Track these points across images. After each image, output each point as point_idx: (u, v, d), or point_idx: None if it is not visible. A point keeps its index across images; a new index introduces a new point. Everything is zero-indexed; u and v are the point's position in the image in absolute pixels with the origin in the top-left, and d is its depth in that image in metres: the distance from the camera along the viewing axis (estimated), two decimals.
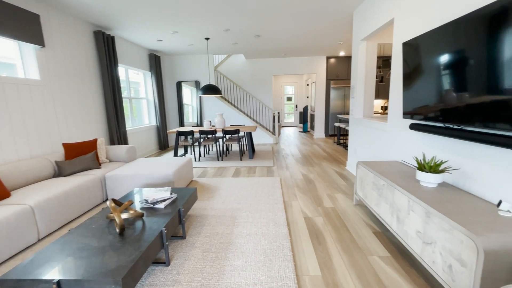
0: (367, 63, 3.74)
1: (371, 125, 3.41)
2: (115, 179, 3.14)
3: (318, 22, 4.37)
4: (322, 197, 3.15)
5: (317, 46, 6.32)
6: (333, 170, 4.33)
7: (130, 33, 4.82)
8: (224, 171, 4.44)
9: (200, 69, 7.24)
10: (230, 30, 4.73)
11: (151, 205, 2.17)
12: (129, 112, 5.60)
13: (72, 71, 3.80)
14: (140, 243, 1.60)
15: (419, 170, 1.92)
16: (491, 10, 1.45)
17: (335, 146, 6.55)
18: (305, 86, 11.07)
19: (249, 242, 2.15)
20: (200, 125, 7.39)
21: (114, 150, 3.82)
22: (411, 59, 2.25)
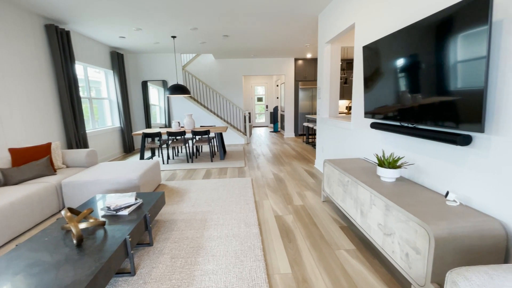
0: (332, 65, 3.91)
1: (336, 124, 3.56)
2: (73, 186, 2.90)
3: (285, 25, 4.46)
4: (292, 195, 3.22)
5: (285, 48, 6.46)
6: (302, 169, 4.45)
7: (88, 28, 4.49)
8: (194, 173, 4.34)
9: (167, 68, 6.98)
10: (198, 29, 4.63)
11: (114, 212, 2.04)
12: (89, 113, 5.21)
13: (19, 68, 3.43)
14: (101, 254, 1.49)
15: (379, 166, 2.05)
16: (437, 19, 1.59)
17: (304, 145, 6.75)
18: (275, 87, 11.26)
19: (220, 245, 2.11)
20: (169, 126, 7.13)
21: (72, 154, 3.53)
22: (370, 62, 2.39)
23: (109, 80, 5.96)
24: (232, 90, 8.02)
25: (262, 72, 7.96)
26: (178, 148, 5.96)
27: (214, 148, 6.25)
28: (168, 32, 4.83)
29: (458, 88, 1.47)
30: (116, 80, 5.95)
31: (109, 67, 5.84)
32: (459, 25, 1.44)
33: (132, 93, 7.00)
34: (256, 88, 11.85)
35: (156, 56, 6.91)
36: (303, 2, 3.46)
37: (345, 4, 3.09)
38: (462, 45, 1.43)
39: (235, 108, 8.11)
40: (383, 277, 1.72)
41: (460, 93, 1.47)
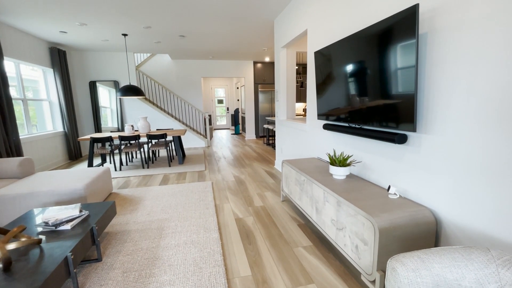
0: (288, 69, 4.05)
1: (293, 126, 3.70)
2: (1, 201, 2.50)
3: (243, 28, 4.50)
4: (253, 197, 3.24)
5: (244, 51, 6.51)
6: (263, 170, 4.51)
7: (21, 21, 3.95)
8: (150, 180, 4.10)
9: (119, 68, 6.51)
10: (151, 27, 4.41)
11: (53, 228, 1.82)
12: (23, 117, 4.59)
13: None
14: (34, 276, 1.31)
15: (331, 165, 2.17)
16: (376, 30, 1.76)
17: (265, 147, 6.87)
18: (235, 89, 11.27)
19: (178, 253, 2.03)
20: (121, 130, 6.64)
21: (1, 164, 3.05)
22: (322, 67, 2.53)
23: (48, 80, 5.33)
24: (191, 92, 7.80)
25: (222, 74, 7.90)
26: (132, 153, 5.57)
27: (172, 152, 6.00)
28: (118, 30, 4.50)
29: (396, 92, 1.64)
30: (58, 79, 5.35)
31: (48, 65, 5.22)
32: (393, 36, 1.60)
33: (78, 94, 6.36)
34: (217, 90, 11.73)
35: (106, 54, 6.39)
36: (258, 6, 3.53)
37: (298, 10, 3.24)
38: (396, 54, 1.60)
39: (195, 111, 7.90)
40: (337, 269, 1.82)
41: (397, 97, 1.64)
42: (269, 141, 7.34)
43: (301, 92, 8.14)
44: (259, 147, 6.83)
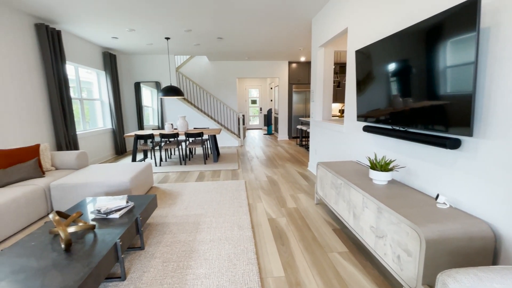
0: (325, 68, 3.95)
1: (329, 127, 3.59)
2: (62, 189, 2.83)
3: (279, 28, 4.49)
4: (286, 198, 3.22)
5: (279, 51, 6.50)
6: (296, 171, 4.46)
7: (80, 28, 4.42)
8: (187, 176, 4.30)
9: (161, 70, 6.93)
10: (192, 30, 4.62)
11: (104, 216, 2.00)
12: (80, 115, 5.12)
13: (7, 68, 3.35)
14: (90, 258, 1.46)
15: (372, 169, 2.07)
16: (427, 26, 1.63)
17: (298, 148, 6.78)
18: (269, 89, 11.30)
19: (213, 248, 2.09)
20: (161, 128, 7.07)
21: (62, 156, 3.45)
22: (363, 66, 2.42)
23: (101, 81, 5.88)
24: (226, 92, 8.01)
25: (256, 74, 7.98)
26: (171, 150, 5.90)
27: (207, 150, 6.22)
28: (161, 34, 4.80)
29: (448, 92, 1.51)
30: (108, 81, 5.87)
31: (101, 67, 5.76)
32: (448, 31, 1.47)
33: (125, 94, 6.92)
34: (250, 90, 11.87)
35: (150, 57, 6.85)
36: (297, 5, 3.49)
37: (338, 9, 3.13)
38: (451, 51, 1.47)
39: (229, 110, 8.10)
40: (375, 279, 1.73)
41: (449, 98, 1.50)
42: (302, 142, 7.23)
43: (337, 92, 7.88)
44: (291, 148, 6.76)
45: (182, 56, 7.95)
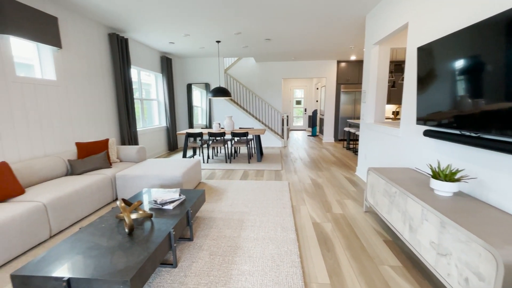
0: (379, 67, 3.68)
1: (382, 130, 3.34)
2: (125, 179, 3.18)
3: (330, 26, 4.34)
4: (331, 203, 3.10)
5: (328, 50, 6.29)
6: (342, 175, 4.26)
7: (143, 36, 4.91)
8: (232, 174, 4.44)
9: (210, 72, 7.30)
10: (241, 33, 4.76)
11: (160, 206, 2.19)
12: (140, 113, 5.69)
13: (86, 72, 3.89)
14: (148, 244, 1.61)
15: (434, 178, 1.86)
16: (508, 17, 1.40)
17: (345, 151, 6.47)
18: (315, 89, 11.01)
19: (257, 247, 2.12)
20: (209, 127, 7.43)
21: (125, 150, 3.88)
22: (426, 64, 2.20)
23: (158, 83, 6.44)
24: (271, 93, 8.06)
25: (303, 75, 7.85)
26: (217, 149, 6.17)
27: (251, 150, 6.34)
28: (213, 37, 5.05)
29: None
30: (165, 82, 6.41)
31: (159, 70, 6.31)
32: None
33: (178, 95, 7.46)
34: (295, 91, 11.74)
35: (201, 60, 7.27)
36: (350, 2, 3.33)
37: (397, 3, 2.89)
38: None
39: (273, 111, 8.13)
40: None
41: None
42: (350, 145, 6.87)
43: (391, 93, 7.30)
44: (337, 151, 6.48)
45: (230, 58, 8.25)
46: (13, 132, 2.80)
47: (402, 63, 7.03)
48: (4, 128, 2.70)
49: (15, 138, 2.82)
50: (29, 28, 2.89)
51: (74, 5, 3.37)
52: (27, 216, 2.11)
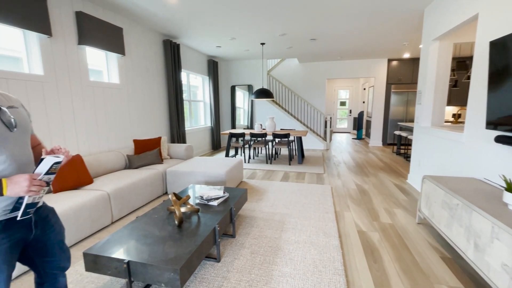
0: (439, 65, 3.33)
1: (441, 135, 3.01)
2: (174, 175, 3.42)
3: (383, 22, 4.07)
4: (379, 211, 2.90)
5: (378, 48, 5.90)
6: (391, 182, 3.95)
7: (193, 41, 5.23)
8: (272, 175, 4.46)
9: (253, 74, 7.43)
10: (286, 34, 4.75)
11: (206, 202, 2.30)
12: (188, 114, 6.07)
13: (143, 76, 4.29)
14: (195, 237, 1.70)
15: (508, 191, 1.61)
16: None
17: (394, 156, 5.99)
18: (362, 90, 10.43)
19: (298, 250, 2.10)
20: (251, 127, 7.57)
21: (174, 148, 4.18)
22: (500, 60, 1.92)
23: (204, 85, 6.79)
24: (314, 93, 7.87)
25: (349, 75, 7.50)
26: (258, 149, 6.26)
27: (292, 151, 6.27)
28: (258, 40, 5.13)
29: None
30: (211, 85, 6.72)
31: (206, 73, 6.65)
32: None
33: (222, 96, 7.76)
34: (340, 91, 11.28)
35: (245, 62, 7.45)
36: None
37: None
38: None
39: (316, 112, 7.92)
40: None
41: None
42: (400, 150, 6.34)
43: (452, 93, 6.54)
44: (386, 156, 6.04)
45: (273, 60, 8.29)
46: (85, 129, 3.23)
47: (467, 59, 6.24)
48: (79, 126, 3.14)
49: (87, 134, 3.25)
50: (101, 39, 3.30)
51: (136, 15, 3.75)
52: (95, 202, 2.41)
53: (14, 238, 1.01)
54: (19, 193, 0.92)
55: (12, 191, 0.91)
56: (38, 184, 0.95)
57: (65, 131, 2.97)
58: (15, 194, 0.92)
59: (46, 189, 1.01)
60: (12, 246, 1.01)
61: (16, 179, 0.92)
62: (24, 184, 0.92)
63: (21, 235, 1.04)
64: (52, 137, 2.82)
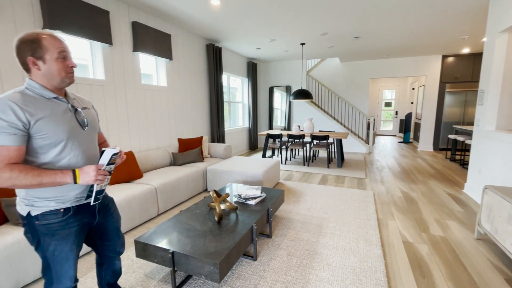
0: (507, 61, 2.92)
1: (508, 140, 2.64)
2: (214, 173, 3.57)
3: (438, 15, 3.72)
4: (428, 222, 2.65)
5: (430, 44, 5.40)
6: (444, 191, 3.58)
7: (234, 44, 5.39)
8: (310, 177, 4.37)
9: (292, 74, 7.38)
10: (328, 33, 4.62)
11: (244, 201, 2.35)
12: (227, 114, 6.27)
13: (187, 79, 4.56)
14: (234, 234, 1.76)
15: None
16: None
17: (448, 163, 5.41)
18: (410, 90, 9.64)
19: (336, 256, 2.02)
20: (287, 128, 7.51)
21: (214, 147, 4.35)
22: None
23: (243, 86, 6.94)
24: (356, 94, 7.51)
25: (395, 73, 7.00)
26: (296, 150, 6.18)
27: (331, 154, 6.07)
28: (298, 40, 5.08)
29: None
30: (249, 86, 6.85)
31: (245, 75, 6.79)
32: None
33: (260, 97, 7.85)
34: (385, 91, 10.57)
35: (284, 63, 7.43)
36: None
37: None
38: None
39: (358, 114, 7.54)
40: None
41: None
42: (455, 156, 5.70)
43: None
44: (438, 162, 5.49)
45: (312, 60, 8.12)
46: (136, 128, 3.55)
47: None
48: (131, 125, 3.46)
49: (138, 132, 3.57)
50: (152, 45, 3.60)
51: (183, 22, 4.00)
52: (144, 195, 2.64)
53: (82, 223, 1.17)
54: (88, 182, 1.06)
55: (83, 180, 1.05)
56: (103, 174, 1.09)
57: (119, 129, 3.30)
58: (85, 182, 1.06)
59: (109, 178, 1.15)
60: (81, 229, 1.17)
61: (85, 170, 1.06)
62: (92, 174, 1.05)
63: (87, 220, 1.20)
64: (109, 135, 3.16)
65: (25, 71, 1.05)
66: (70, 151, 1.09)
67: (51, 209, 1.07)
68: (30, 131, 0.99)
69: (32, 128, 0.99)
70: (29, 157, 1.03)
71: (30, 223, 1.07)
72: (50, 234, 1.07)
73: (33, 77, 1.05)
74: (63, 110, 1.10)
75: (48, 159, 1.05)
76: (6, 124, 0.93)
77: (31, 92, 1.03)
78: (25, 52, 1.00)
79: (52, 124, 1.03)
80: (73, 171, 1.04)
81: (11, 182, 0.94)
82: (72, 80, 1.12)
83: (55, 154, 1.05)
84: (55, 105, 1.07)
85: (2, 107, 0.94)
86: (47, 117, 1.03)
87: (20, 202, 1.07)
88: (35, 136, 1.00)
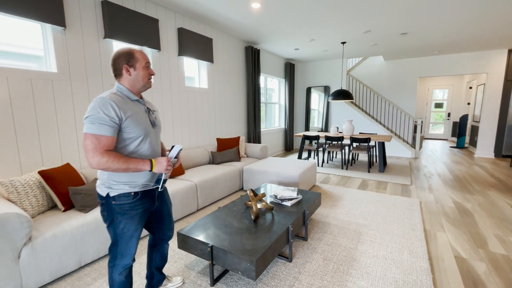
0: None
1: None
2: (250, 172, 3.64)
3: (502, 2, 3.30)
4: (487, 237, 2.36)
5: (492, 36, 4.80)
6: (507, 204, 3.16)
7: (272, 45, 5.42)
8: (348, 181, 4.19)
9: (331, 74, 7.16)
10: (371, 31, 4.39)
11: (279, 201, 2.36)
12: (263, 115, 6.32)
13: (226, 80, 4.71)
14: (270, 233, 1.78)
15: None
16: None
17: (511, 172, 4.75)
18: (466, 89, 8.66)
19: (376, 265, 1.92)
20: (325, 130, 7.30)
21: (251, 147, 4.43)
22: None
23: (280, 87, 6.94)
24: (402, 94, 6.99)
25: (448, 71, 6.36)
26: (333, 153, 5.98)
27: (372, 158, 5.74)
28: (338, 39, 4.92)
29: None
30: (287, 87, 6.82)
31: (282, 76, 6.78)
32: None
33: (297, 98, 7.76)
34: (435, 91, 9.67)
35: (322, 63, 7.24)
36: None
37: None
38: None
39: (403, 115, 7.02)
40: None
41: None
42: None
43: None
44: (500, 171, 4.85)
45: (352, 59, 7.77)
46: (180, 127, 3.78)
47: None
48: (176, 124, 3.69)
49: (181, 131, 3.80)
50: (195, 49, 3.80)
51: (224, 26, 4.16)
52: (186, 191, 2.80)
53: (145, 206, 1.35)
54: (160, 170, 1.27)
55: (157, 168, 1.26)
56: (170, 165, 1.30)
57: (165, 129, 3.55)
58: (158, 171, 1.27)
59: (171, 169, 1.33)
60: (144, 212, 1.36)
61: (160, 160, 1.27)
62: (164, 164, 1.27)
63: (149, 204, 1.38)
64: None
65: (115, 76, 1.29)
66: (144, 145, 1.30)
67: (125, 191, 1.27)
68: (122, 125, 1.21)
69: (123, 123, 1.21)
70: (116, 147, 1.25)
71: (108, 202, 1.26)
72: (122, 213, 1.27)
73: (121, 81, 1.29)
74: (142, 111, 1.32)
75: (130, 150, 1.26)
76: (108, 118, 1.16)
77: (120, 94, 1.26)
78: (122, 61, 1.25)
79: (135, 122, 1.25)
80: (150, 161, 1.25)
81: (107, 165, 1.15)
82: (150, 85, 1.35)
83: (134, 146, 1.27)
84: (137, 106, 1.30)
85: (105, 105, 1.16)
86: (133, 115, 1.25)
87: (101, 185, 1.27)
88: (123, 130, 1.22)
